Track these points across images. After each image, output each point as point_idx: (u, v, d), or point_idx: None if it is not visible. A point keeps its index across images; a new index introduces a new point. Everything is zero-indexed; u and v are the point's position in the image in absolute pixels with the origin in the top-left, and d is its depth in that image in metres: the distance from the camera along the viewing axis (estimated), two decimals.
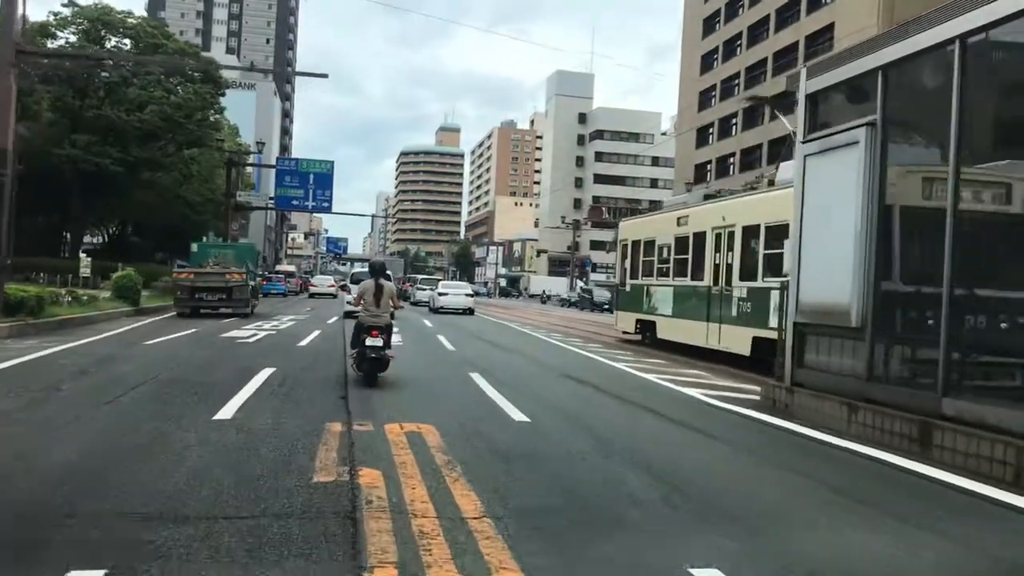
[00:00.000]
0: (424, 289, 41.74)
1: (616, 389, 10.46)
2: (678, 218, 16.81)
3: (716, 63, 65.18)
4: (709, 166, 64.47)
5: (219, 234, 42.63)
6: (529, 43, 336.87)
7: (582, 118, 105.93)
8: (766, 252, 13.06)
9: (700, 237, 15.51)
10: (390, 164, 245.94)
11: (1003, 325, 6.29)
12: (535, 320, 31.40)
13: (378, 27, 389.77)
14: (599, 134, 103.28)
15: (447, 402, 8.79)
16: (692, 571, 3.59)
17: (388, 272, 11.59)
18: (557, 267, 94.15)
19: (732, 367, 13.58)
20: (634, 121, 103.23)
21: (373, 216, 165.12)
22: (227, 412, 7.16)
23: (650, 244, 18.21)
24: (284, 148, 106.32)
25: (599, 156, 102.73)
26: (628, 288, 19.60)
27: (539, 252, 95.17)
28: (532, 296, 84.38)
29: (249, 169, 63.65)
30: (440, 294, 34.81)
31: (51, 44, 35.10)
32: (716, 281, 14.75)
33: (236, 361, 11.57)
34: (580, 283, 67.22)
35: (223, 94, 40.02)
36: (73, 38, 34.78)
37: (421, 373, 11.54)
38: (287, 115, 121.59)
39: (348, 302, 19.79)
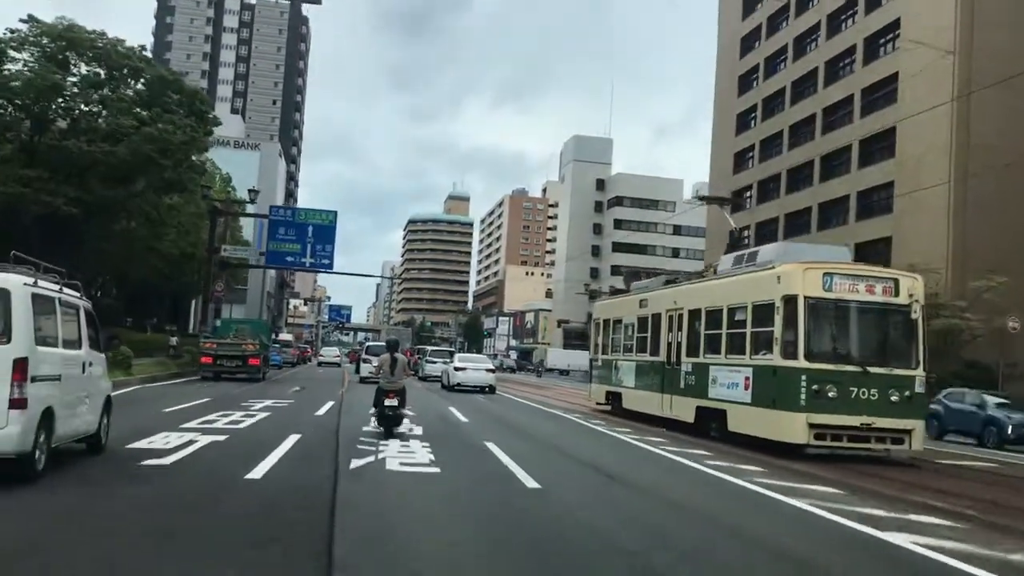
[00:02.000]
0: (435, 362, 34.48)
1: None
2: (640, 300, 18.45)
3: (755, 122, 60.13)
4: (748, 231, 58.60)
5: (207, 299, 36.22)
6: (538, 116, 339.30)
7: (600, 184, 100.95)
8: (706, 332, 14.72)
9: (657, 318, 17.15)
10: (397, 235, 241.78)
11: None
12: (581, 405, 24.15)
13: (387, 100, 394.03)
14: (618, 200, 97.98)
15: None
16: None
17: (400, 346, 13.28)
18: (573, 339, 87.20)
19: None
20: (655, 188, 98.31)
21: (380, 278, 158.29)
22: None
23: (618, 323, 19.96)
24: None
25: (618, 224, 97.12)
26: (600, 362, 21.36)
27: (559, 323, 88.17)
28: (549, 371, 76.94)
29: (247, 229, 57.47)
30: (457, 369, 28.77)
31: (7, 68, 29.53)
32: (669, 357, 16.28)
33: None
34: None
35: (210, 132, 34.21)
36: (32, 61, 29.24)
37: None
38: (292, 178, 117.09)
39: (369, 371, 21.96)
